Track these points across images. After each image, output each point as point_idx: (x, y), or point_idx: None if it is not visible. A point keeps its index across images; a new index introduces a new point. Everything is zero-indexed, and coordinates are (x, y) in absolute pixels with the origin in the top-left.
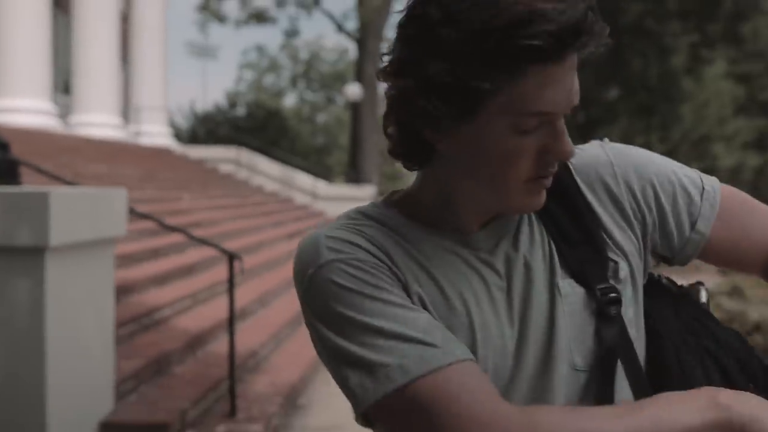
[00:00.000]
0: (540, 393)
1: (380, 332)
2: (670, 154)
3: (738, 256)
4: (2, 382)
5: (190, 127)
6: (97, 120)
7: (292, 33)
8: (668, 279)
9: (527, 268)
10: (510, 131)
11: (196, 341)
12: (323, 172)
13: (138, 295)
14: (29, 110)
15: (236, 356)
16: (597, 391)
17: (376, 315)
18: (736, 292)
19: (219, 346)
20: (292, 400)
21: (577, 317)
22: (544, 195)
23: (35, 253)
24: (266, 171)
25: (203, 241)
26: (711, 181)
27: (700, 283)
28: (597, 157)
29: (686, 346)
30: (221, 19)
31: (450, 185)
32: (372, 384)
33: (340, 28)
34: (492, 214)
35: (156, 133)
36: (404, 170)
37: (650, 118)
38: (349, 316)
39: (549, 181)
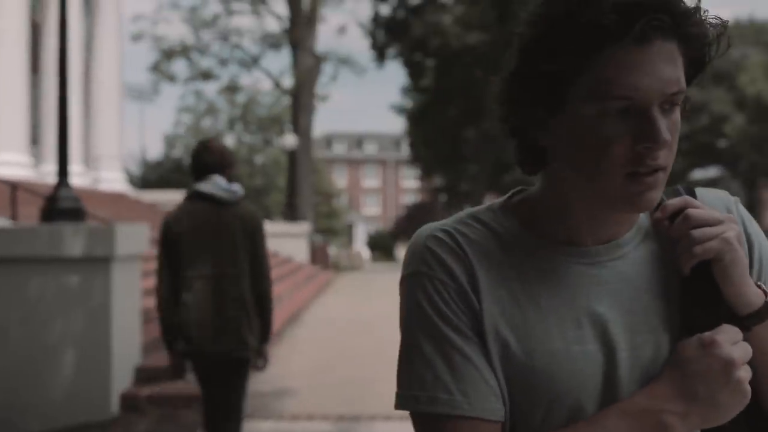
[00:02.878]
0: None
1: (423, 357)
2: None
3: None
4: (84, 342)
5: (141, 173)
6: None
7: (233, 88)
8: None
9: (638, 291)
10: (598, 118)
11: None
12: (263, 212)
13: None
14: (10, 163)
15: None
16: None
17: (428, 341)
18: None
19: None
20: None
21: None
22: (651, 197)
23: (107, 261)
24: None
25: None
26: None
27: None
28: (725, 200)
29: None
30: (171, 78)
31: (558, 184)
32: (402, 393)
33: (277, 84)
34: (609, 228)
35: (113, 179)
36: (340, 208)
37: None
38: (413, 329)
39: (653, 180)
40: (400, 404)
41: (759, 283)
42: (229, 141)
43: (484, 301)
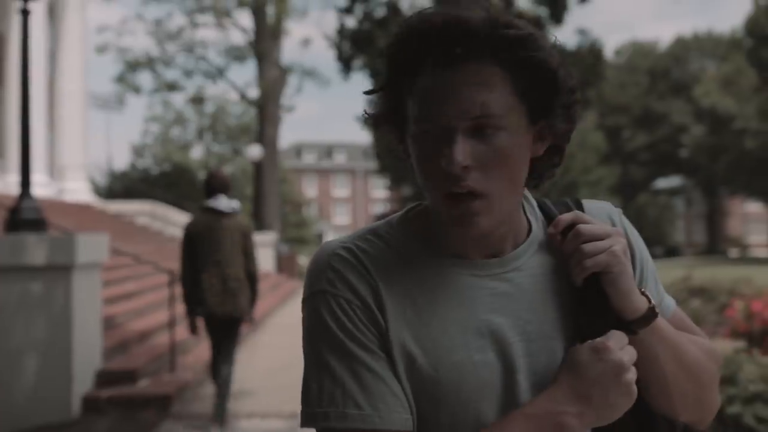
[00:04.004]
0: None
1: (332, 374)
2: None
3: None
4: (46, 347)
5: (107, 183)
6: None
7: (198, 100)
8: None
9: (530, 302)
10: (420, 137)
11: (145, 335)
12: None
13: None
14: None
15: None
16: None
17: (336, 359)
18: None
19: (159, 338)
20: (206, 366)
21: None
22: (476, 222)
23: (67, 269)
24: (179, 222)
25: (169, 270)
26: (670, 299)
27: None
28: (609, 212)
29: None
30: (137, 89)
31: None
32: (310, 410)
33: (242, 96)
34: (490, 242)
35: (78, 190)
36: (310, 217)
37: None
38: (320, 348)
39: (467, 206)
40: (308, 421)
41: (643, 290)
42: (198, 151)
43: (389, 317)
